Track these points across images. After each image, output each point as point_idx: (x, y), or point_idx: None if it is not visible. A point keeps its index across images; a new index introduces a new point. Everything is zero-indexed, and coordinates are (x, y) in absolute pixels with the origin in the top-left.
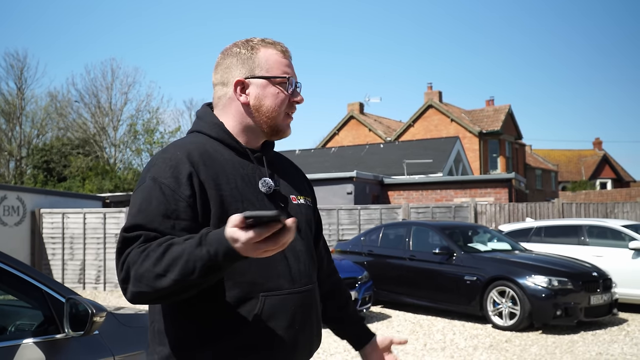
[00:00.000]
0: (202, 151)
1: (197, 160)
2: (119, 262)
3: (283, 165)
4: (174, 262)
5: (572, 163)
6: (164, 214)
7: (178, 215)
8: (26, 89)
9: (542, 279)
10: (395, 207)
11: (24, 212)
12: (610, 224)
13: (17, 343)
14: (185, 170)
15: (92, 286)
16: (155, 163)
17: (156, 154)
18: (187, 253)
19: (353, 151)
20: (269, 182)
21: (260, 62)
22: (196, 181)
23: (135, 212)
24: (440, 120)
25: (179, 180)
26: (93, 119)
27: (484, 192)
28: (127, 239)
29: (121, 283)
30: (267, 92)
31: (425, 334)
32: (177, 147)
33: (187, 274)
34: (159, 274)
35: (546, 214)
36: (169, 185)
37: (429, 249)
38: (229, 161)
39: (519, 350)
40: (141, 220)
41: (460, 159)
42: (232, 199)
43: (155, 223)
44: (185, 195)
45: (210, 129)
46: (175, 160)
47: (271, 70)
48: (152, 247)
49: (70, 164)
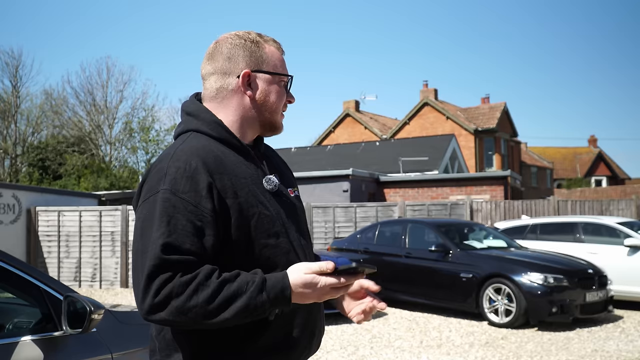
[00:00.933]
0: (214, 157)
1: (213, 169)
2: (151, 284)
3: (274, 158)
4: (230, 301)
5: (567, 160)
6: (192, 232)
7: (205, 232)
8: (21, 86)
9: (538, 276)
10: (391, 204)
11: (20, 210)
12: (606, 221)
13: (16, 340)
14: (204, 181)
15: (87, 284)
16: (168, 172)
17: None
18: (246, 296)
19: (349, 149)
20: (274, 180)
21: (267, 57)
22: (215, 192)
23: (166, 231)
24: (436, 118)
25: (199, 193)
26: (88, 116)
27: (480, 189)
28: (166, 261)
29: (151, 306)
30: (272, 88)
31: (422, 331)
32: (189, 154)
33: (242, 316)
34: (211, 312)
35: (542, 211)
36: (190, 201)
37: (425, 246)
38: (236, 163)
39: (514, 347)
40: (174, 242)
41: (456, 157)
42: (249, 204)
43: (187, 244)
44: (208, 210)
45: (211, 128)
46: (191, 171)
47: (276, 67)
48: (200, 280)
49: (66, 162)
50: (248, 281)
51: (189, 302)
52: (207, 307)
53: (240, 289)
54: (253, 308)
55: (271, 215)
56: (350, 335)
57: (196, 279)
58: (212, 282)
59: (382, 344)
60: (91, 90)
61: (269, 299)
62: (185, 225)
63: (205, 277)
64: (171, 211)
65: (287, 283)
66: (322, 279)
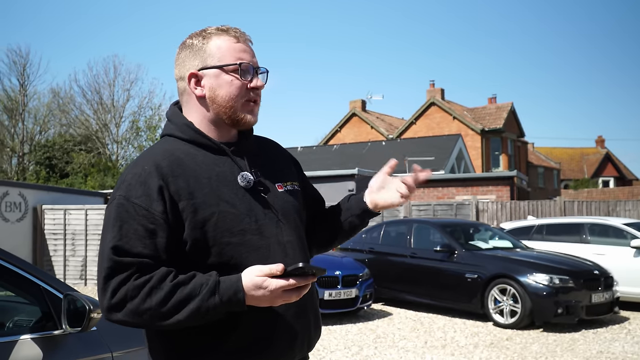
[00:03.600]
0: (171, 160)
1: (166, 172)
2: (107, 286)
3: (267, 152)
4: (183, 304)
5: (574, 161)
6: (144, 235)
7: (157, 234)
8: (29, 85)
9: (544, 276)
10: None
11: (26, 209)
12: (612, 222)
13: (15, 339)
14: (155, 185)
15: (93, 283)
16: (125, 179)
17: (127, 167)
18: (199, 299)
19: (355, 148)
20: (248, 176)
21: (212, 51)
22: (167, 194)
23: (117, 235)
24: (443, 118)
25: (150, 197)
26: (95, 115)
27: (486, 189)
28: (119, 264)
29: (108, 308)
30: (220, 82)
31: (426, 331)
32: (146, 160)
33: (195, 318)
34: (164, 314)
35: (548, 212)
36: (141, 205)
37: (430, 246)
38: (201, 163)
39: (519, 349)
40: (125, 245)
41: (462, 157)
42: (206, 204)
43: (139, 247)
44: (159, 212)
45: (180, 131)
46: (144, 176)
47: (223, 58)
48: (154, 284)
49: (73, 161)
50: (202, 283)
51: (143, 305)
52: (161, 310)
53: (193, 292)
54: (205, 311)
55: (237, 213)
56: (355, 335)
57: (150, 282)
58: (166, 285)
59: (387, 344)
60: (98, 89)
61: (222, 302)
62: (137, 229)
63: (159, 280)
64: (124, 216)
65: (240, 286)
66: (272, 281)
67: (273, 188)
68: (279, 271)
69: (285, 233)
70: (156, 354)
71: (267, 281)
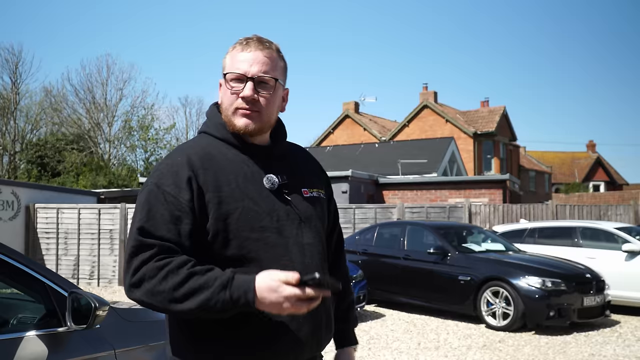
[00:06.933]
0: (202, 154)
1: (197, 165)
2: (130, 264)
3: (297, 157)
4: (195, 293)
5: (565, 165)
6: (169, 220)
7: (182, 220)
8: (21, 83)
9: (536, 279)
10: (390, 206)
11: (19, 207)
12: (604, 226)
13: (20, 336)
14: (185, 175)
15: (86, 282)
16: (158, 168)
17: (162, 158)
18: (210, 291)
19: (348, 150)
20: (273, 179)
21: (226, 61)
22: (195, 185)
23: (144, 217)
24: (435, 121)
25: (179, 186)
26: (88, 114)
27: (479, 192)
28: (142, 244)
29: (129, 285)
30: (223, 90)
31: (419, 333)
32: (179, 152)
33: (205, 308)
34: (177, 298)
35: (540, 215)
36: (170, 192)
37: (423, 248)
38: (231, 161)
39: (512, 351)
40: (150, 227)
41: (455, 160)
42: (232, 199)
43: (162, 230)
44: (186, 200)
45: (214, 129)
46: (176, 167)
47: (228, 68)
48: (172, 268)
49: (65, 160)
50: (216, 277)
51: (159, 286)
52: (173, 294)
53: (206, 283)
54: (214, 304)
55: (258, 211)
56: None
57: (168, 265)
58: (182, 271)
59: (380, 346)
60: (91, 88)
61: (231, 298)
62: (163, 214)
63: (177, 266)
64: (153, 201)
65: (251, 286)
66: (286, 287)
67: (298, 192)
68: (295, 280)
69: (306, 235)
70: (175, 342)
71: (281, 287)
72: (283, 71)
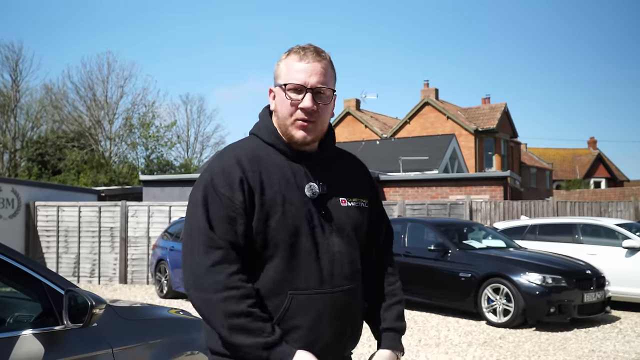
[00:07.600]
0: (251, 156)
1: (246, 167)
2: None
3: (343, 165)
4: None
5: (566, 162)
6: (227, 221)
7: (236, 220)
8: (21, 81)
9: (536, 276)
10: (390, 203)
11: (19, 205)
12: (604, 223)
13: (16, 334)
14: (237, 176)
15: (86, 280)
16: (210, 167)
17: (215, 157)
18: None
19: (349, 147)
20: (314, 188)
21: (280, 70)
22: (246, 186)
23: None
24: (436, 118)
25: (232, 188)
26: (88, 112)
27: (479, 189)
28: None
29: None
30: (279, 99)
31: (420, 329)
32: (230, 153)
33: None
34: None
35: (541, 212)
36: (225, 194)
37: (424, 245)
38: (277, 166)
39: (512, 347)
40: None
41: (456, 157)
42: (273, 202)
43: (221, 230)
44: (239, 201)
45: (263, 133)
46: (228, 168)
47: (285, 77)
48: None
49: (65, 157)
50: (267, 332)
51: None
52: (224, 321)
53: (256, 331)
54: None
55: (296, 215)
56: None
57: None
58: (243, 304)
59: None
60: (92, 86)
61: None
62: (220, 213)
63: (243, 296)
64: (210, 198)
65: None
66: None
67: (337, 201)
68: None
69: (336, 244)
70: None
71: None
72: (335, 80)
